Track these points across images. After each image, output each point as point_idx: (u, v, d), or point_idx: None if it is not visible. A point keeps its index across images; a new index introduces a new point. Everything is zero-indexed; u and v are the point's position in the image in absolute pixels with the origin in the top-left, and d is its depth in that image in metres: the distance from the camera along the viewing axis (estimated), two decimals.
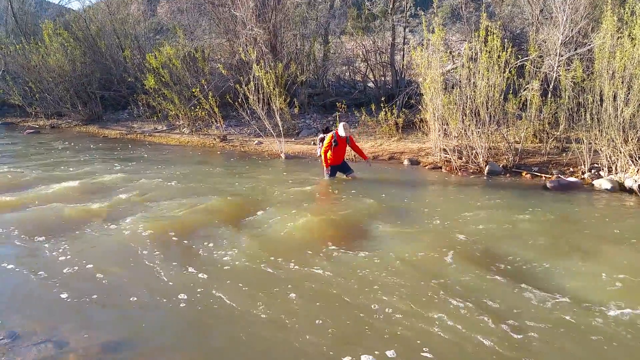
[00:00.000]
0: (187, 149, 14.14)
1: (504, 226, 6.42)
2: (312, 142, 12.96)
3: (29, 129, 19.03)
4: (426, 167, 10.56)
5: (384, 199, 7.83)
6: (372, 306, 4.30)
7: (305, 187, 8.77)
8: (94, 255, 5.53)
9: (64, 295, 4.56)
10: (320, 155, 9.46)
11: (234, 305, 4.37)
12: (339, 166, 9.39)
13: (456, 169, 10.02)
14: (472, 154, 10.02)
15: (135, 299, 4.51)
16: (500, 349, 3.63)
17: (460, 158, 10.18)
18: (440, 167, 10.36)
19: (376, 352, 3.62)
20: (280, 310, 4.28)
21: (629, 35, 8.27)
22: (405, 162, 10.96)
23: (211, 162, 11.96)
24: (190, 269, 5.12)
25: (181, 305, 4.39)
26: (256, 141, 14.19)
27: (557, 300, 4.31)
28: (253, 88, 12.61)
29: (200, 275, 4.99)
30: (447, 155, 10.35)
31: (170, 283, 4.83)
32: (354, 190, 8.48)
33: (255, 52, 13.48)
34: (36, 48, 20.02)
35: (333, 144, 9.05)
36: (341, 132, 9.04)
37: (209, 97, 14.32)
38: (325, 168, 9.40)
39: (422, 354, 3.60)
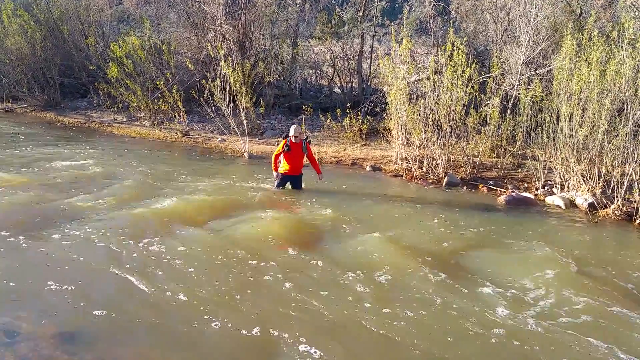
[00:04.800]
0: (147, 142, 13.83)
1: (454, 236, 6.62)
2: (276, 143, 12.91)
3: None
4: (387, 175, 10.70)
5: (343, 205, 7.89)
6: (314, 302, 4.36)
7: (266, 189, 8.77)
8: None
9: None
10: (272, 160, 8.72)
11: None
12: (292, 177, 8.71)
13: (416, 178, 10.21)
14: (432, 164, 10.23)
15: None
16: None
17: (421, 168, 10.37)
18: (402, 175, 10.53)
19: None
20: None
21: (586, 60, 8.63)
22: (368, 168, 11.08)
23: (172, 157, 11.75)
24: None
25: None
26: (219, 138, 14.03)
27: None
28: (219, 85, 12.47)
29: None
30: (409, 164, 10.53)
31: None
32: (313, 195, 8.49)
33: (223, 49, 13.34)
34: None
35: (285, 149, 8.42)
36: (291, 132, 8.42)
37: (173, 91, 14.07)
38: (274, 173, 8.69)
39: None
